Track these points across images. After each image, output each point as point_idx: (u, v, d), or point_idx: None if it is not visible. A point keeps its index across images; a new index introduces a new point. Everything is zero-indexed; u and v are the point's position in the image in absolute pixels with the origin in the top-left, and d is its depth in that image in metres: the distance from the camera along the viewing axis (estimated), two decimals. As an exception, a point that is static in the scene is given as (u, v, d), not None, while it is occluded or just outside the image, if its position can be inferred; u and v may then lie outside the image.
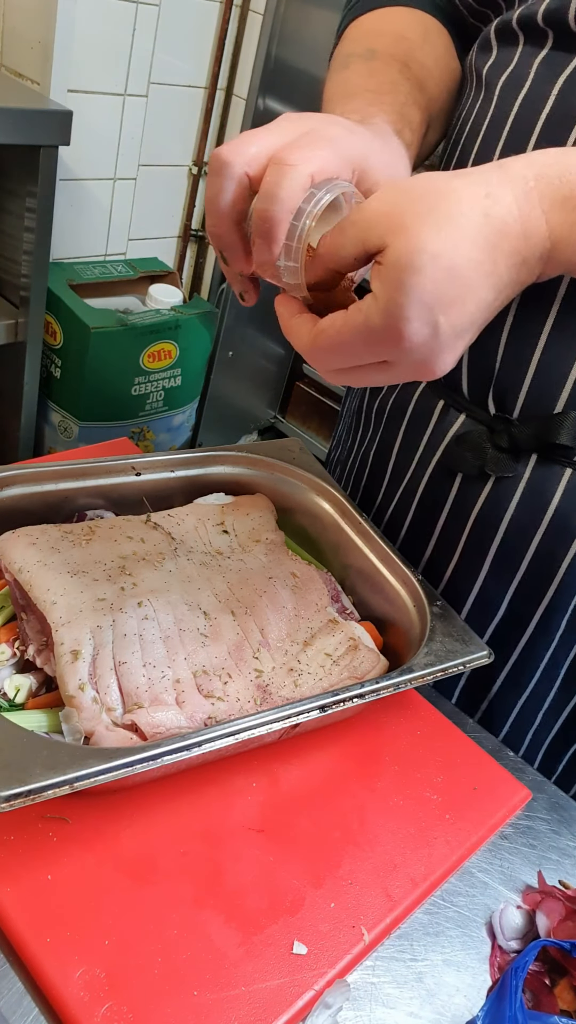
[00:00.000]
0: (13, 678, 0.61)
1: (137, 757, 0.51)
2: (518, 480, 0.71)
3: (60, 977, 0.48)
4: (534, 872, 0.64)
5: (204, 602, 0.66)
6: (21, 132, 1.42)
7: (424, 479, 0.79)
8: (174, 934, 0.52)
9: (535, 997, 0.56)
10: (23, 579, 0.63)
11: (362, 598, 0.76)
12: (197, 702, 0.59)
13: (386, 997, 0.54)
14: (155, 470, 0.78)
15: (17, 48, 1.68)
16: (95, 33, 1.71)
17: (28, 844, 0.54)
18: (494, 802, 0.67)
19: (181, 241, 2.22)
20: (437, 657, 0.65)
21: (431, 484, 0.78)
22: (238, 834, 0.59)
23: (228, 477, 0.82)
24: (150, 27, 1.82)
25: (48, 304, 1.70)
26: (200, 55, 1.98)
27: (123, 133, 1.90)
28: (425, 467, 0.78)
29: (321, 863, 0.58)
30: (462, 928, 0.59)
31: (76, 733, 0.56)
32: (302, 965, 0.52)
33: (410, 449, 0.80)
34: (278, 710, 0.57)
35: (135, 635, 0.61)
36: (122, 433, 1.90)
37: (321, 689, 0.64)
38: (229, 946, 0.52)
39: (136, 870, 0.55)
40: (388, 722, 0.71)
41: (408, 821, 0.63)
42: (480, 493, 0.74)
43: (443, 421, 0.76)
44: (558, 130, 0.64)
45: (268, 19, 1.96)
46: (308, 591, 0.71)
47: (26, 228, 1.54)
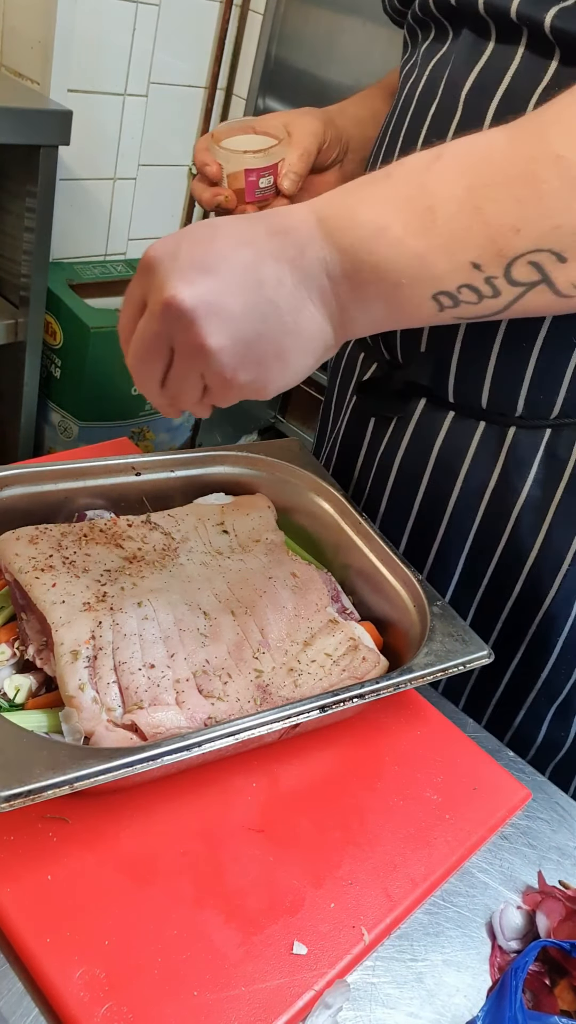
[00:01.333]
0: (13, 678, 0.61)
1: (137, 757, 0.51)
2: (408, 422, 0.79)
3: (60, 977, 0.48)
4: (534, 872, 0.64)
5: (204, 602, 0.66)
6: (21, 132, 1.42)
7: (343, 423, 0.88)
8: (174, 934, 0.52)
9: (535, 997, 0.56)
10: (23, 579, 0.63)
11: (362, 598, 0.76)
12: (197, 702, 0.59)
13: (386, 997, 0.54)
14: (155, 470, 0.78)
15: (17, 48, 1.68)
16: (95, 33, 1.71)
17: (28, 844, 0.54)
18: (494, 802, 0.66)
19: (181, 241, 2.22)
20: (437, 657, 0.65)
21: (349, 428, 0.87)
22: (238, 834, 0.59)
23: (228, 477, 0.82)
24: (150, 27, 1.82)
25: (48, 304, 1.70)
26: (200, 55, 1.98)
27: (123, 133, 1.90)
28: (344, 412, 0.88)
29: (321, 863, 0.58)
30: (462, 928, 0.59)
31: (76, 733, 0.56)
32: (302, 965, 0.52)
33: (341, 397, 0.89)
34: (278, 710, 0.57)
35: (135, 635, 0.61)
36: (122, 433, 1.90)
37: (321, 689, 0.64)
38: (229, 946, 0.52)
39: (136, 870, 0.55)
40: (388, 722, 0.71)
41: (408, 821, 0.63)
42: (384, 436, 0.82)
43: (363, 371, 0.84)
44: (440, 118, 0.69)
45: (268, 19, 1.96)
46: (308, 591, 0.71)
47: (26, 228, 1.54)
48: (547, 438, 0.73)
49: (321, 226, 0.49)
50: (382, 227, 0.48)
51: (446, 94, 0.69)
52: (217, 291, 0.47)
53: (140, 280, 0.49)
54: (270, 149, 0.77)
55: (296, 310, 0.49)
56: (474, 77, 0.66)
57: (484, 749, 0.71)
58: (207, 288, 0.46)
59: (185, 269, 0.47)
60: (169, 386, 0.52)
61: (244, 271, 0.47)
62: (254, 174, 0.76)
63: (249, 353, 0.48)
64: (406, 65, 0.77)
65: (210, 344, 0.47)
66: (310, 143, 0.79)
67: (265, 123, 0.79)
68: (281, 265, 0.48)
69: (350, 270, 0.49)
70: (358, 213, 0.49)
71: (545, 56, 0.63)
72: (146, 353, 0.50)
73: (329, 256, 0.49)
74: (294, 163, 0.77)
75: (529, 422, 0.72)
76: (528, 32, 0.62)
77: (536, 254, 0.47)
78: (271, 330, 0.48)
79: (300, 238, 0.49)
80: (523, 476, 0.74)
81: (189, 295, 0.46)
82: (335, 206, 0.50)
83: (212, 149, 0.77)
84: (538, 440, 0.73)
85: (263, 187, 0.77)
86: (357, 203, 0.49)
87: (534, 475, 0.74)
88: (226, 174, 0.77)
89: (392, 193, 0.49)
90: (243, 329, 0.47)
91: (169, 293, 0.46)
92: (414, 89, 0.73)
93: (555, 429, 0.72)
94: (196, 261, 0.47)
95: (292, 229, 0.49)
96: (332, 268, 0.49)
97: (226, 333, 0.47)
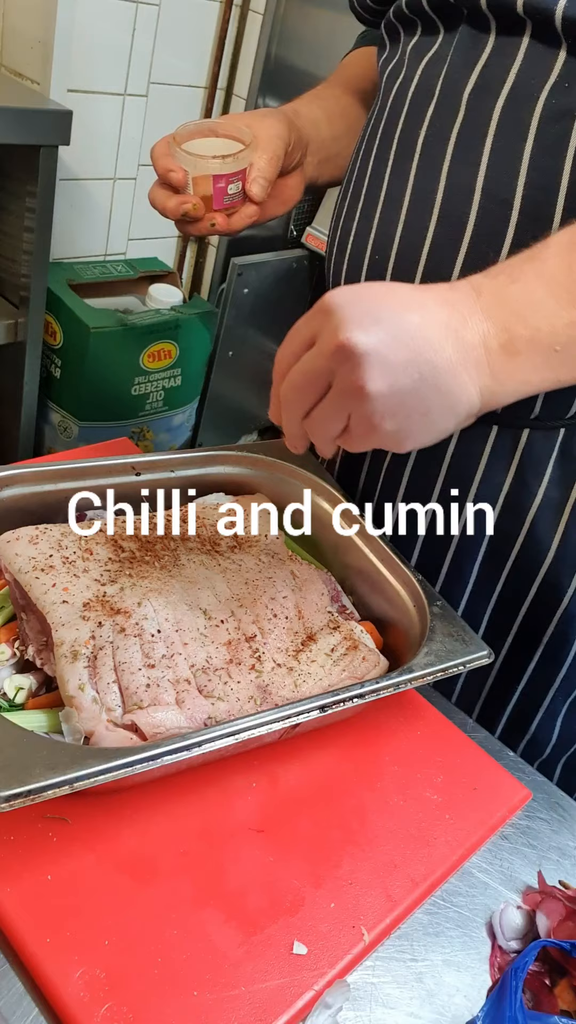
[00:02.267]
0: (13, 678, 0.61)
1: (137, 757, 0.51)
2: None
3: (60, 977, 0.48)
4: (534, 872, 0.64)
5: (204, 602, 0.66)
6: (21, 132, 1.42)
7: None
8: (174, 934, 0.52)
9: (535, 997, 0.56)
10: (23, 579, 0.63)
11: (362, 598, 0.76)
12: (197, 702, 0.59)
13: (386, 997, 0.54)
14: (155, 470, 0.78)
15: (17, 48, 1.68)
16: (95, 33, 1.71)
17: (28, 844, 0.54)
18: (494, 802, 0.67)
19: (181, 241, 2.22)
20: (437, 657, 0.65)
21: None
22: (238, 834, 0.59)
23: (228, 477, 0.82)
24: (150, 27, 1.82)
25: (48, 304, 1.70)
26: (200, 55, 1.98)
27: (123, 133, 1.90)
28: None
29: (321, 863, 0.58)
30: (462, 928, 0.59)
31: (76, 733, 0.56)
32: (302, 965, 0.52)
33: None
34: (278, 710, 0.57)
35: (135, 635, 0.61)
36: (122, 433, 1.90)
37: (321, 689, 0.64)
38: (229, 946, 0.52)
39: (136, 870, 0.55)
40: (388, 722, 0.71)
41: (408, 821, 0.63)
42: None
43: None
44: (419, 109, 0.71)
45: (268, 19, 1.96)
46: (308, 591, 0.71)
47: (26, 228, 1.54)
48: (562, 437, 0.73)
49: (480, 301, 0.53)
50: (534, 302, 0.53)
51: (445, 95, 0.68)
52: (387, 343, 0.50)
53: (314, 319, 0.53)
54: (239, 154, 0.73)
55: (452, 375, 0.52)
56: (476, 76, 0.66)
57: (484, 749, 0.71)
58: (379, 339, 0.50)
59: (363, 317, 0.50)
60: (313, 419, 0.54)
61: (412, 329, 0.51)
62: (223, 180, 0.73)
63: (400, 404, 0.51)
64: (388, 64, 0.76)
65: (370, 388, 0.50)
66: (277, 146, 0.76)
67: (227, 126, 0.77)
68: (446, 332, 0.52)
69: (506, 342, 0.53)
70: (511, 290, 0.54)
71: (551, 50, 0.62)
72: (305, 385, 0.53)
73: (487, 330, 0.53)
74: (263, 168, 0.75)
75: (544, 423, 0.72)
76: (533, 25, 0.62)
77: None
78: (425, 388, 0.51)
79: (464, 311, 0.53)
80: (539, 477, 0.74)
81: (363, 340, 0.49)
82: (492, 284, 0.54)
83: (175, 154, 0.72)
84: (553, 440, 0.73)
85: (231, 193, 0.74)
86: (509, 281, 0.54)
87: (550, 475, 0.74)
88: (191, 180, 0.73)
89: (541, 270, 0.54)
90: (401, 381, 0.51)
91: (345, 335, 0.49)
92: (405, 90, 0.72)
93: (569, 429, 0.72)
94: (372, 313, 0.51)
95: (458, 302, 0.53)
96: (489, 341, 0.53)
97: (386, 381, 0.50)
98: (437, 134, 0.69)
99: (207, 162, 0.72)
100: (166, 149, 0.74)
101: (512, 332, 0.53)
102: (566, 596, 0.77)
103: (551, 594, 0.77)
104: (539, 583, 0.78)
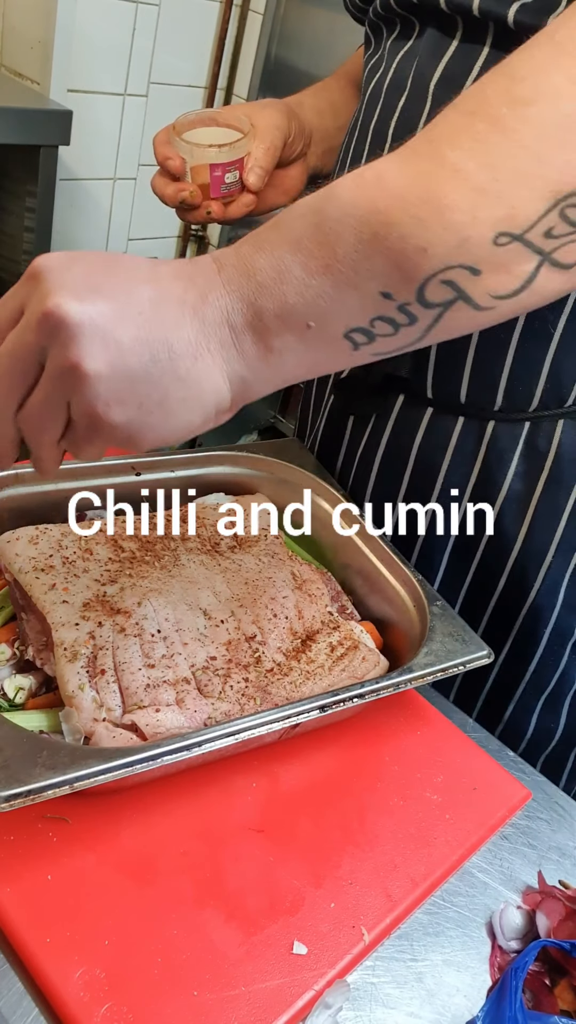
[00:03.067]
0: (13, 678, 0.61)
1: (137, 757, 0.51)
2: (387, 420, 0.79)
3: (60, 977, 0.48)
4: (534, 872, 0.64)
5: (204, 602, 0.66)
6: (21, 132, 1.42)
7: (323, 420, 0.88)
8: (174, 934, 0.52)
9: (535, 997, 0.56)
10: (23, 579, 0.64)
11: (362, 598, 0.76)
12: (197, 702, 0.59)
13: (386, 997, 0.54)
14: (155, 470, 0.78)
15: (17, 48, 1.68)
16: (95, 33, 1.71)
17: (28, 844, 0.54)
18: (494, 802, 0.67)
19: (181, 241, 2.22)
20: (437, 657, 0.65)
21: (328, 425, 0.87)
22: (238, 834, 0.59)
23: (228, 477, 0.82)
24: (150, 27, 1.82)
25: (48, 304, 1.70)
26: (200, 55, 1.98)
27: (123, 133, 1.90)
28: (324, 409, 0.88)
29: (321, 863, 0.58)
30: (462, 928, 0.59)
31: (76, 733, 0.56)
32: (302, 965, 0.52)
33: (320, 394, 0.90)
34: (278, 710, 0.57)
35: (135, 635, 0.61)
36: (122, 433, 1.90)
37: (321, 689, 0.64)
38: (229, 946, 0.52)
39: (136, 870, 0.55)
40: (388, 722, 0.71)
41: (408, 821, 0.63)
42: (363, 434, 0.82)
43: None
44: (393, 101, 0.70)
45: (268, 19, 1.96)
46: (308, 591, 0.71)
47: (26, 228, 1.54)
48: (526, 431, 0.73)
49: (222, 274, 0.47)
50: (281, 270, 0.45)
51: (414, 88, 0.69)
52: (108, 315, 0.43)
53: (21, 288, 0.45)
54: (236, 143, 0.75)
55: (192, 357, 0.45)
56: (441, 69, 0.66)
57: (484, 749, 0.71)
58: (97, 310, 0.43)
59: (77, 286, 0.43)
60: (27, 412, 0.46)
61: (140, 304, 0.44)
62: (219, 169, 0.75)
63: (129, 391, 0.44)
64: (371, 60, 0.77)
65: (86, 366, 0.43)
66: (275, 137, 0.77)
67: (227, 115, 0.77)
68: (182, 309, 0.45)
69: (252, 319, 0.46)
70: (255, 259, 0.46)
71: (512, 49, 0.63)
72: (11, 366, 0.45)
73: (230, 305, 0.46)
74: (260, 157, 0.76)
75: (508, 415, 0.73)
76: (494, 27, 0.63)
77: (448, 272, 0.45)
78: (160, 372, 0.45)
79: (202, 285, 0.46)
80: (504, 470, 0.75)
81: (76, 309, 0.42)
82: (234, 255, 0.47)
83: (174, 142, 0.75)
84: (517, 433, 0.73)
85: (229, 182, 0.76)
86: (254, 251, 0.46)
87: (515, 468, 0.74)
88: (189, 168, 0.75)
89: (286, 236, 0.46)
90: (128, 362, 0.44)
91: (53, 302, 0.42)
92: (381, 84, 0.73)
93: (534, 422, 0.73)
94: (91, 283, 0.44)
95: (196, 275, 0.47)
96: (234, 318, 0.46)
97: (106, 360, 0.43)
98: (405, 124, 0.69)
99: (204, 151, 0.74)
100: (166, 137, 0.76)
101: (258, 307, 0.45)
102: (532, 589, 0.77)
103: (518, 587, 0.78)
104: (507, 575, 0.78)
